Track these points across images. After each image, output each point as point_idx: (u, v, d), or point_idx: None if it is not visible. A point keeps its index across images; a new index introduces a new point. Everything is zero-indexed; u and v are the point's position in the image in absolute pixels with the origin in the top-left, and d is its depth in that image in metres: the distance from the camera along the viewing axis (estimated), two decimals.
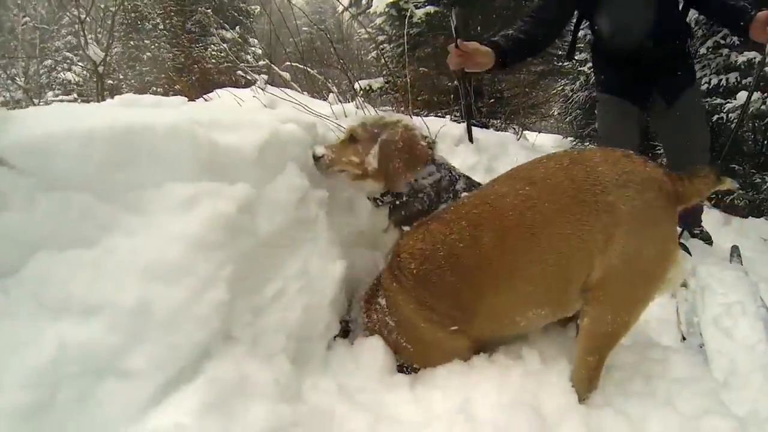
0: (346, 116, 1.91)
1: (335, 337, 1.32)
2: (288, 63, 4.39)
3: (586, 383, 1.20)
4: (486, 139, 2.39)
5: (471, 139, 2.45)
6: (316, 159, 1.53)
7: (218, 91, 2.51)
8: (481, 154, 2.25)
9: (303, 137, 1.46)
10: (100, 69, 2.74)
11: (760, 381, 1.56)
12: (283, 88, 2.84)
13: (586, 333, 1.16)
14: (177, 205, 1.00)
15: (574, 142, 8.21)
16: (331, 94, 2.36)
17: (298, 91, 3.00)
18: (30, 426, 0.80)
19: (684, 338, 1.78)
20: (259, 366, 1.00)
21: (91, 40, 2.94)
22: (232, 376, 0.94)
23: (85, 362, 0.85)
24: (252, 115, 1.39)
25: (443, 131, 2.18)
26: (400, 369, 1.32)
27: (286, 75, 3.39)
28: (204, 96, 2.58)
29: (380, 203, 1.60)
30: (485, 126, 3.29)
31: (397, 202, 1.56)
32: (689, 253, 2.49)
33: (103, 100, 2.55)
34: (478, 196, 1.25)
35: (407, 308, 1.26)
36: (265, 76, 2.35)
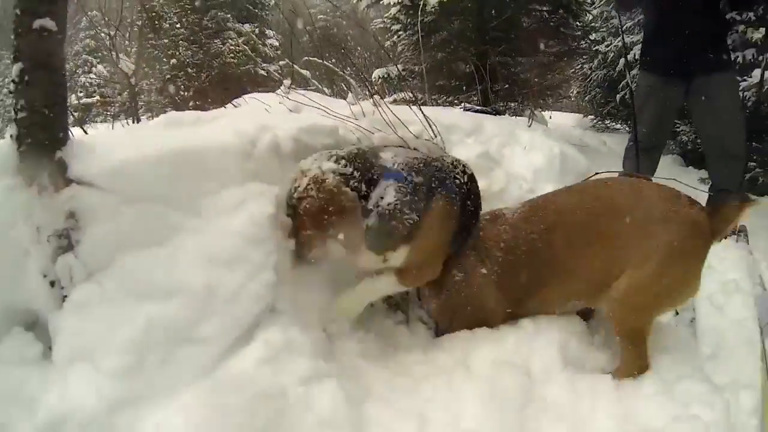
0: (364, 116, 2.08)
1: None
2: (306, 58, 4.57)
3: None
4: (495, 128, 2.52)
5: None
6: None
7: (245, 97, 2.70)
8: (489, 143, 2.39)
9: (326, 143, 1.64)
10: (132, 80, 2.95)
11: (744, 353, 1.71)
12: (304, 89, 3.02)
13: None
14: (230, 208, 1.24)
15: (595, 120, 8.16)
16: (350, 93, 2.53)
17: (322, 90, 3.15)
18: (127, 381, 1.04)
19: (677, 313, 1.93)
20: (300, 332, 1.24)
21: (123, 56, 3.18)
22: (280, 339, 1.19)
23: (168, 333, 1.09)
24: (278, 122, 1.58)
25: (453, 122, 2.32)
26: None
27: (306, 73, 3.57)
28: (232, 102, 2.76)
29: None
30: (499, 112, 3.37)
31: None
32: None
33: (136, 108, 2.79)
34: (551, 202, 1.49)
35: (486, 288, 1.45)
36: (288, 81, 2.52)
